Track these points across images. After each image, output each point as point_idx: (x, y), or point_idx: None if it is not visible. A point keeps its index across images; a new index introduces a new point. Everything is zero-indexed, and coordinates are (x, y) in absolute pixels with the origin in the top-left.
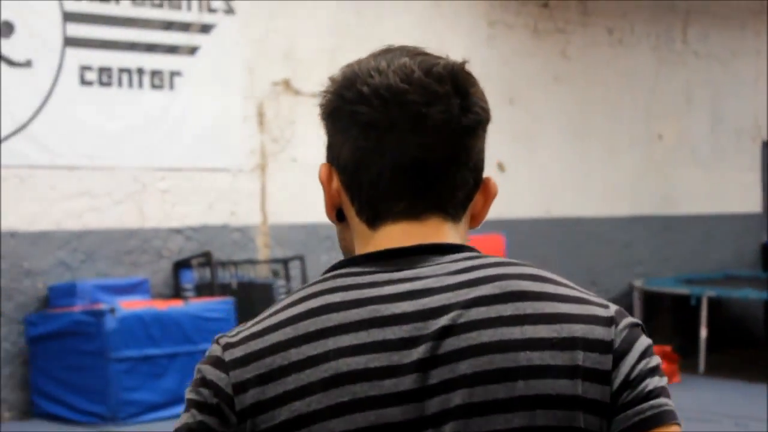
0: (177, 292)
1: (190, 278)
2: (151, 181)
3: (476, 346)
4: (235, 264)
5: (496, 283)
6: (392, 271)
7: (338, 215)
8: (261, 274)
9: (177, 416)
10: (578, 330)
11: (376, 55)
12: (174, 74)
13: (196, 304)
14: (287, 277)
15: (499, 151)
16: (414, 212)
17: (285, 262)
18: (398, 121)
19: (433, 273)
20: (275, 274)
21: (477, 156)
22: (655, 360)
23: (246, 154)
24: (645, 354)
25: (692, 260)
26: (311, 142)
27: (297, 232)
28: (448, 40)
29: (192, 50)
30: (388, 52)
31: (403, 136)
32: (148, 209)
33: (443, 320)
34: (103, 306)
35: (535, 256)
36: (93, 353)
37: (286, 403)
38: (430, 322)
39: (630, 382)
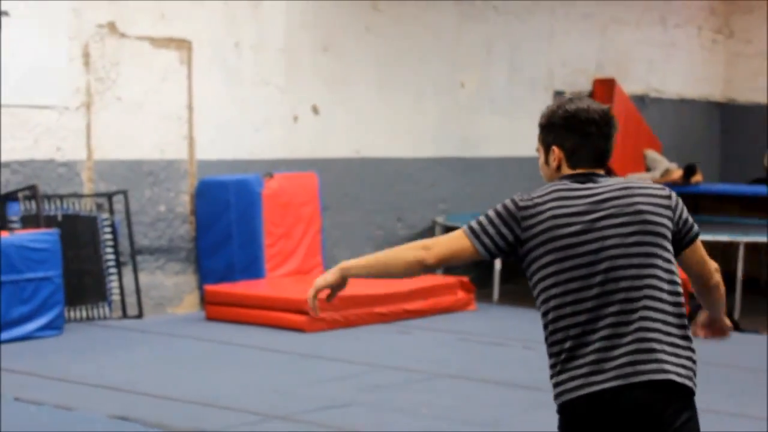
0: (3, 224)
1: (16, 210)
2: None
3: (616, 205)
4: (61, 197)
5: (618, 185)
6: (581, 182)
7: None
8: (86, 207)
9: (2, 342)
10: (655, 198)
11: (580, 100)
12: (1, 14)
13: (22, 235)
14: (111, 211)
15: (314, 95)
16: (593, 166)
17: (109, 196)
18: (595, 133)
19: (596, 183)
20: (99, 207)
21: (614, 144)
22: (685, 206)
23: (72, 92)
24: (684, 206)
25: (490, 198)
26: (135, 83)
27: (121, 168)
28: None
29: None
30: (583, 99)
31: (597, 140)
32: None
33: (602, 204)
34: None
35: (346, 193)
36: None
37: (536, 227)
38: (596, 204)
39: (680, 219)
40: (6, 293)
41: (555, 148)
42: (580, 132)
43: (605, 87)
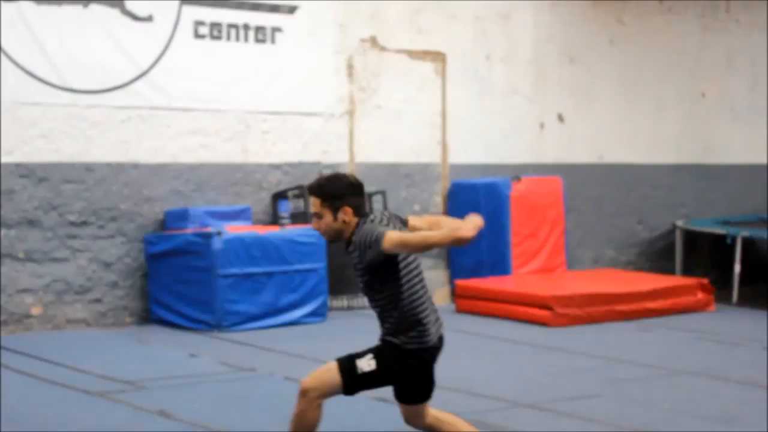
0: (275, 220)
1: (286, 208)
2: (254, 122)
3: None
4: None
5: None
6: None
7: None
8: None
9: (273, 326)
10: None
11: (345, 175)
12: (275, 30)
13: (291, 230)
14: (371, 209)
15: (560, 104)
16: (365, 211)
17: (369, 196)
18: (363, 193)
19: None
20: None
21: None
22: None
23: (336, 101)
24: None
25: (729, 204)
26: (394, 92)
27: (380, 170)
28: (518, 7)
29: (291, 9)
30: (347, 174)
31: (363, 196)
32: (251, 147)
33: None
34: (211, 229)
35: (590, 197)
36: (202, 269)
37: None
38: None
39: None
40: (277, 283)
41: (347, 208)
42: (359, 194)
43: None
